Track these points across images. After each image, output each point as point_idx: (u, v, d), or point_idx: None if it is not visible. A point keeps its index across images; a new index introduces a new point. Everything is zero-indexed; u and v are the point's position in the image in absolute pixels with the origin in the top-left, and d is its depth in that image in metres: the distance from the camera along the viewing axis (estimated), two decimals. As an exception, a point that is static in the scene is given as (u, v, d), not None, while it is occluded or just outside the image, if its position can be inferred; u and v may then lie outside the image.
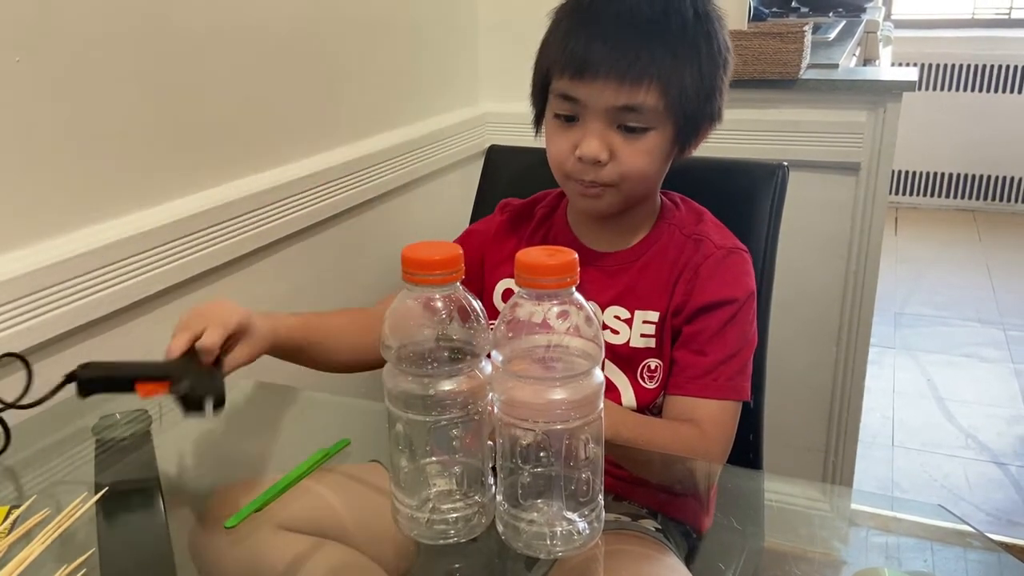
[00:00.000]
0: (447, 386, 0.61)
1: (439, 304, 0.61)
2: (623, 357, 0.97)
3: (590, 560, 0.69)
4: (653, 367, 0.96)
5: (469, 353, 0.62)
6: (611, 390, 0.96)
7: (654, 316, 0.96)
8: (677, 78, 0.90)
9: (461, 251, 0.61)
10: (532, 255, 0.59)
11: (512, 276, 0.65)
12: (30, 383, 0.83)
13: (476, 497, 0.64)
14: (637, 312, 0.97)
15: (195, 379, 0.82)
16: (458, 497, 0.63)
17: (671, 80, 0.89)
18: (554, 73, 0.93)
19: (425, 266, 0.60)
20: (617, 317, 0.98)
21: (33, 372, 0.83)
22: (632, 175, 0.92)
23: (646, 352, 0.96)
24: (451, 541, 0.63)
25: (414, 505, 0.63)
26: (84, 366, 0.83)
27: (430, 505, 0.63)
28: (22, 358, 0.85)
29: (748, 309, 0.96)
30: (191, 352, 0.85)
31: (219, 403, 0.81)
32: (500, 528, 0.63)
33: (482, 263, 1.06)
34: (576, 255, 0.60)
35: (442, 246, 0.61)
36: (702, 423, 0.91)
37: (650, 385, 0.96)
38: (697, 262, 0.96)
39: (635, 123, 0.90)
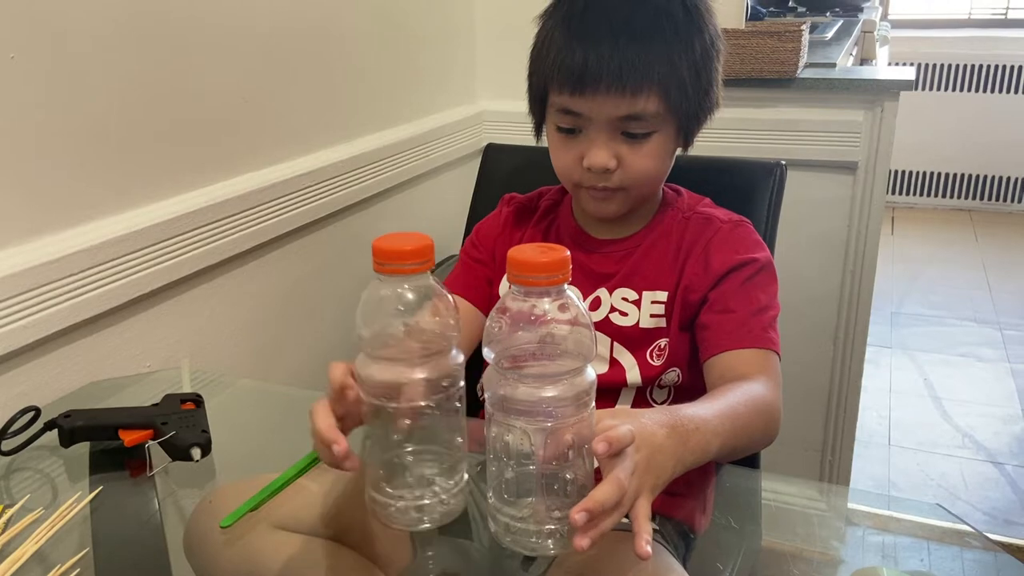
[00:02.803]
0: (419, 374, 0.61)
1: (409, 294, 0.62)
2: (632, 338, 0.97)
3: (587, 560, 0.69)
4: (663, 346, 0.97)
5: (440, 341, 0.62)
6: (617, 369, 0.97)
7: (663, 296, 0.97)
8: (675, 80, 0.90)
9: (432, 242, 0.62)
10: (524, 252, 0.59)
11: None
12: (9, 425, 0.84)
13: (450, 483, 0.64)
14: (645, 293, 0.98)
15: (180, 427, 0.83)
16: (434, 483, 0.63)
17: (670, 83, 0.90)
18: (552, 88, 0.93)
19: (395, 256, 0.61)
20: (625, 299, 0.98)
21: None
22: (640, 178, 0.94)
23: (657, 332, 0.97)
24: (425, 527, 0.63)
25: (389, 493, 0.63)
26: (66, 415, 0.84)
27: (404, 492, 0.63)
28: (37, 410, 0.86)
29: (770, 273, 0.97)
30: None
31: (205, 451, 0.81)
32: (492, 527, 0.63)
33: (494, 258, 1.07)
34: (568, 252, 0.59)
35: (412, 237, 0.62)
36: (749, 375, 0.88)
37: (657, 363, 0.97)
38: (708, 236, 0.98)
39: (638, 129, 0.91)
